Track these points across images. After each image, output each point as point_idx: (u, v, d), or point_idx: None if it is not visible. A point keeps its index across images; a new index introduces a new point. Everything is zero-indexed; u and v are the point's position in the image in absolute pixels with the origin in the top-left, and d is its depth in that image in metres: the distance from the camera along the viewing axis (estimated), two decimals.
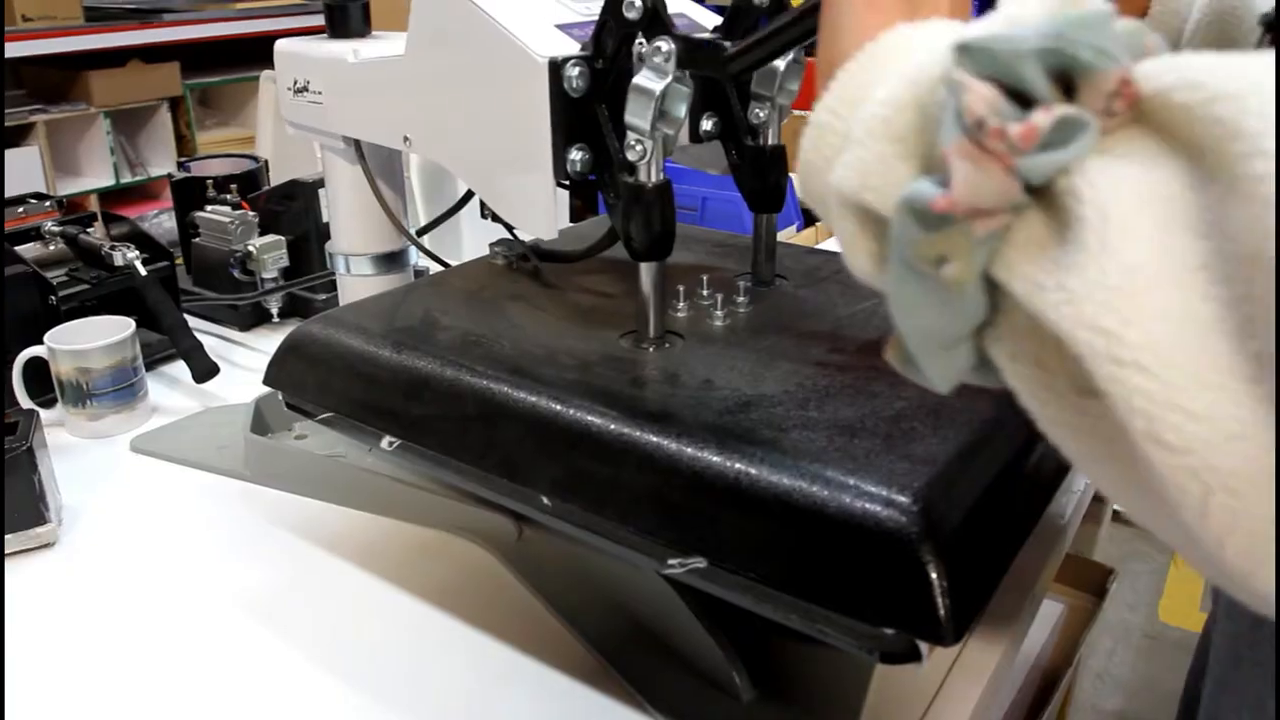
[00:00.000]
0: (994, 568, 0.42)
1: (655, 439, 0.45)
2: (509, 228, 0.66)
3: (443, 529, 0.64)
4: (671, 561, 0.43)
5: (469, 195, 0.74)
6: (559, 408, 0.48)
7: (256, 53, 2.62)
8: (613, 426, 0.46)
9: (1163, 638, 1.74)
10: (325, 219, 0.96)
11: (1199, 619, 1.80)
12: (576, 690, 0.52)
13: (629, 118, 0.49)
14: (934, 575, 0.37)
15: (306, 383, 0.58)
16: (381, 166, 0.71)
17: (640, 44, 0.49)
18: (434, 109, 0.59)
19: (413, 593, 0.60)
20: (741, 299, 0.59)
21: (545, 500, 0.47)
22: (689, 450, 0.44)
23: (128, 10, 2.81)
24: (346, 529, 0.66)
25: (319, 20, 0.69)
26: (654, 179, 0.51)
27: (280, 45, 0.70)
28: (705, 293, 0.60)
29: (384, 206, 0.70)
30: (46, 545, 0.65)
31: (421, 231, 0.75)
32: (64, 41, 2.48)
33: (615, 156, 0.52)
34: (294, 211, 0.98)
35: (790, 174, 0.63)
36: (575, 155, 0.52)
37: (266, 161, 1.11)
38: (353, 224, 0.74)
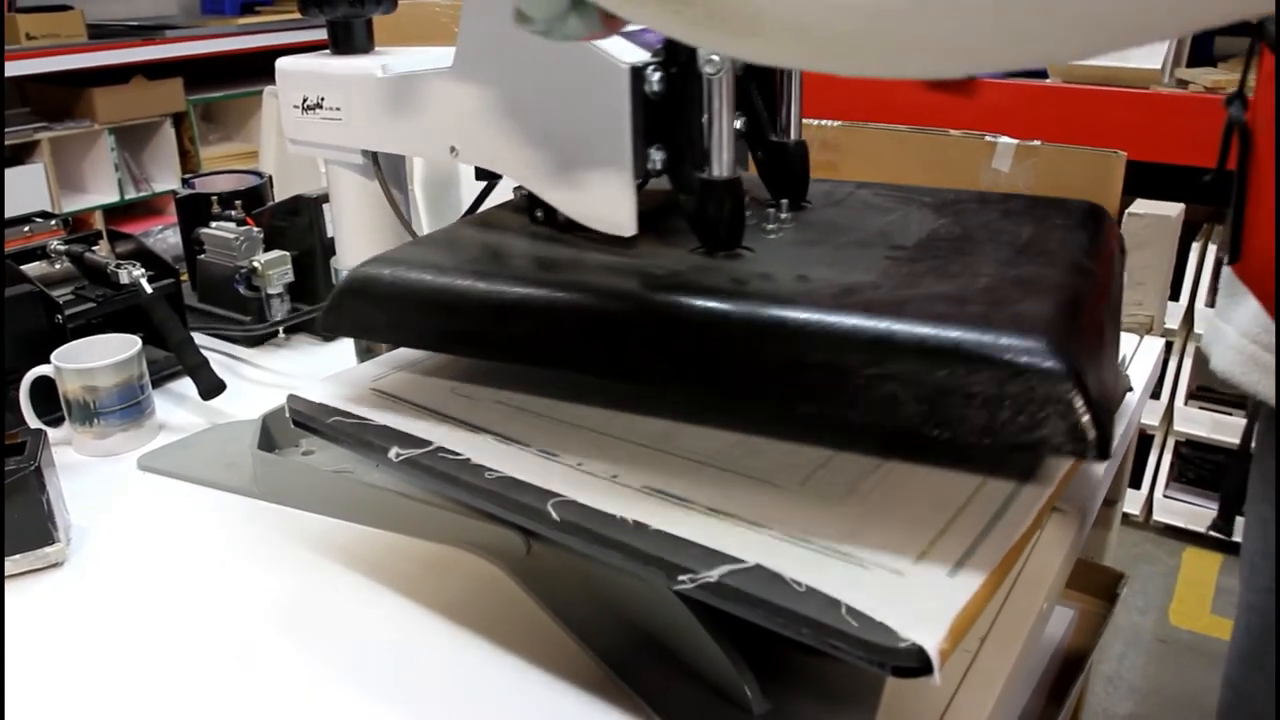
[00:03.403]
0: (1104, 403, 0.45)
1: (792, 316, 0.47)
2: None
3: (451, 544, 0.64)
4: (682, 577, 0.43)
5: (476, 204, 0.74)
6: (679, 301, 0.50)
7: (259, 68, 2.62)
8: (740, 311, 0.48)
9: (1174, 641, 1.73)
10: (330, 234, 0.97)
11: (1210, 621, 1.79)
12: (587, 703, 0.52)
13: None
14: (1080, 401, 0.41)
15: (374, 323, 0.58)
16: (389, 180, 0.72)
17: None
18: (489, 118, 0.60)
19: (422, 607, 0.60)
20: (785, 215, 0.62)
21: (554, 515, 0.47)
22: (827, 320, 0.46)
23: (130, 27, 2.82)
24: (356, 545, 0.66)
25: (320, 35, 0.69)
26: (725, 173, 0.54)
27: (284, 64, 0.70)
28: (749, 213, 0.61)
29: (400, 218, 0.71)
30: (55, 565, 0.65)
31: None
32: (67, 59, 2.49)
33: (688, 154, 0.55)
34: (299, 227, 0.99)
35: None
36: (655, 154, 0.55)
37: (270, 177, 1.11)
38: (358, 238, 0.74)
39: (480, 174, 0.69)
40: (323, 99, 0.68)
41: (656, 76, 0.53)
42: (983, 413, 0.43)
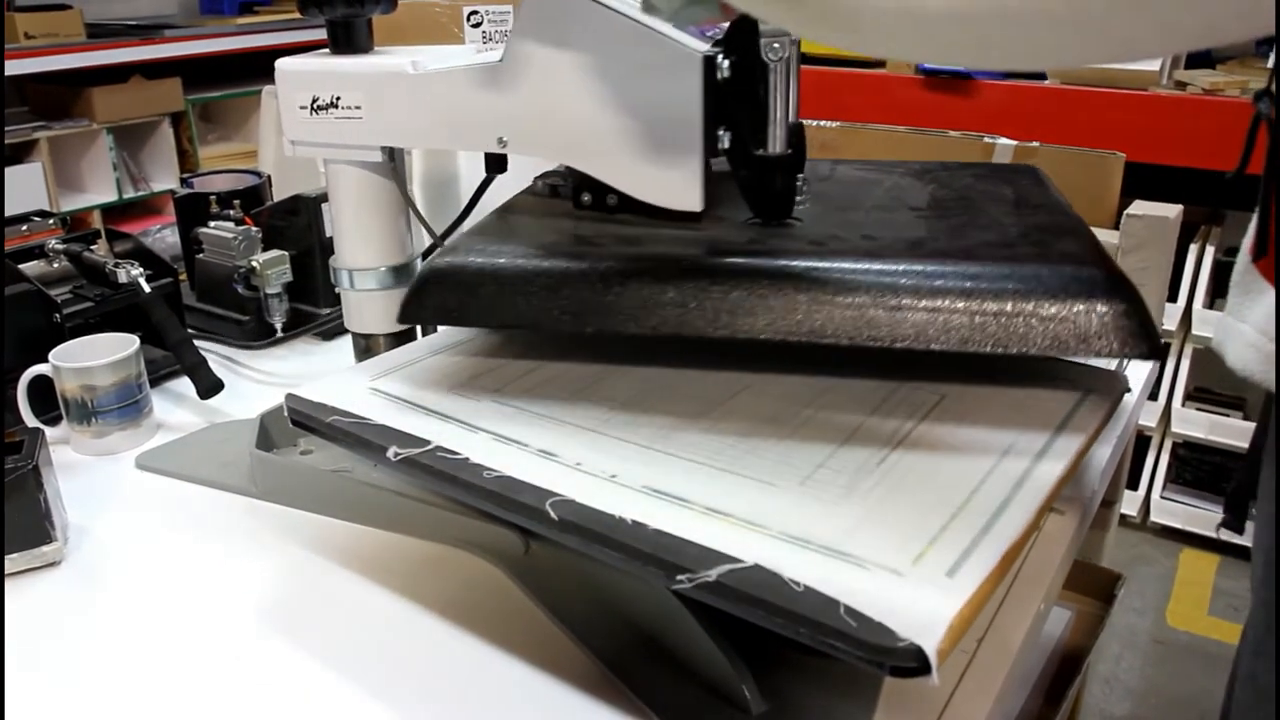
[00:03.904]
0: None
1: (889, 268, 0.52)
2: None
3: (449, 543, 0.64)
4: (681, 576, 0.43)
5: (475, 199, 0.74)
6: (776, 263, 0.54)
7: (258, 68, 2.62)
8: (837, 266, 0.53)
9: (1171, 642, 1.73)
10: (329, 233, 0.97)
11: (1207, 623, 1.79)
12: (583, 703, 0.52)
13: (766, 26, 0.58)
14: (1139, 314, 0.50)
15: (463, 307, 0.60)
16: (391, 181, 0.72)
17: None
18: (546, 108, 0.62)
19: (421, 607, 0.60)
20: (805, 189, 0.66)
21: (553, 514, 0.47)
22: (923, 268, 0.52)
23: (129, 27, 2.82)
24: (354, 544, 0.66)
25: (319, 35, 0.69)
26: (779, 150, 0.59)
27: (286, 64, 0.70)
28: None
29: (416, 214, 0.71)
30: (52, 564, 0.65)
31: (443, 236, 0.76)
32: (66, 59, 2.49)
33: (747, 133, 0.59)
34: (297, 226, 0.99)
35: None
36: (723, 135, 0.59)
37: (269, 176, 1.11)
38: (358, 238, 0.74)
39: (490, 167, 0.69)
40: (338, 98, 0.68)
41: (727, 64, 0.57)
42: (1064, 330, 0.50)
